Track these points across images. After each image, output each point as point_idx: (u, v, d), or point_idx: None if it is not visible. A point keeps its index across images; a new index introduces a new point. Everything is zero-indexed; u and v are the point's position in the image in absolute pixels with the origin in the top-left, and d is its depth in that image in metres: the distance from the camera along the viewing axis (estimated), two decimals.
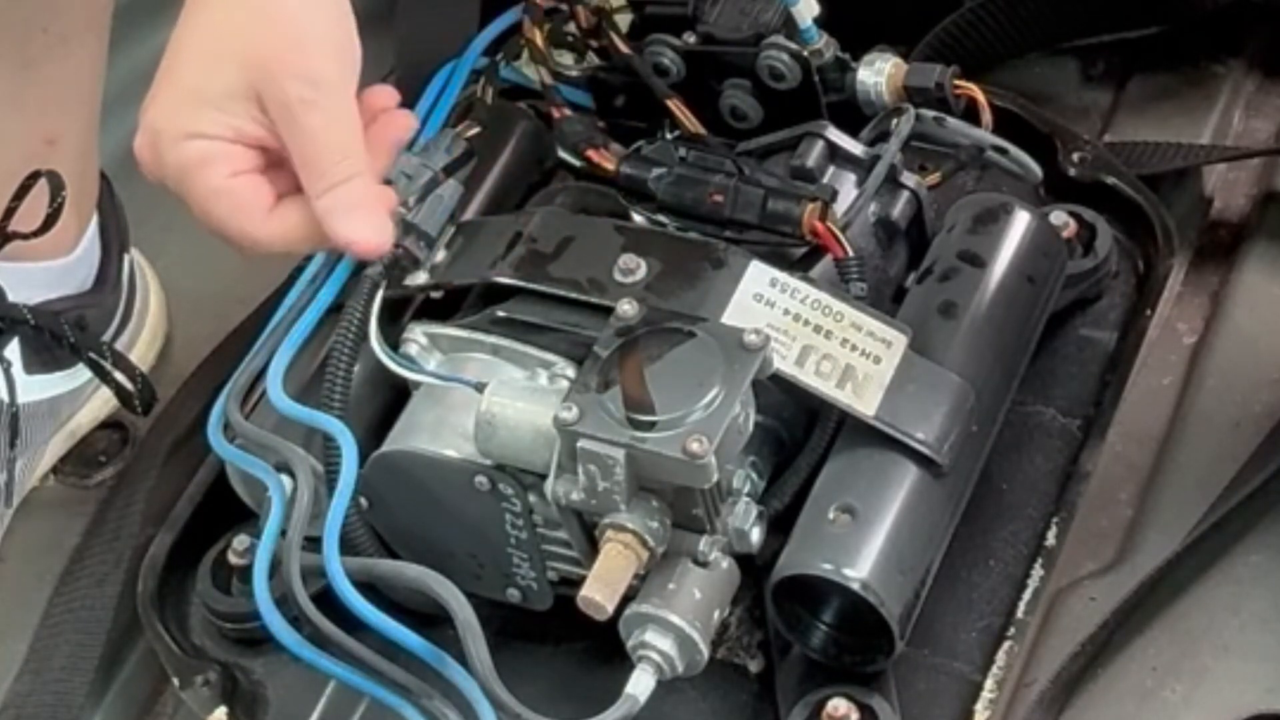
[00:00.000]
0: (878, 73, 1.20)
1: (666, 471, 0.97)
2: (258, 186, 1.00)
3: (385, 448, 1.06)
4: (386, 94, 1.06)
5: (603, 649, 1.06)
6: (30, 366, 1.20)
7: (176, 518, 1.16)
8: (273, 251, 1.02)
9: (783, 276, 1.07)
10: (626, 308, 1.02)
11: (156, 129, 0.99)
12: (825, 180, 1.14)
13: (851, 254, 1.10)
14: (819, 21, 1.19)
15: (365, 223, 1.01)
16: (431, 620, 1.03)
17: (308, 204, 1.01)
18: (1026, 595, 1.09)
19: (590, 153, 1.17)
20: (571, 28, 1.25)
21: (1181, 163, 1.25)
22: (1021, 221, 1.14)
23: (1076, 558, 1.10)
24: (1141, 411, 1.16)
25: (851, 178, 1.15)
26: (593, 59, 1.26)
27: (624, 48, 1.22)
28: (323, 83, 0.97)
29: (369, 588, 1.03)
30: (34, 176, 1.12)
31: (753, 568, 1.06)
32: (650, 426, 0.97)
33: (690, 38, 1.21)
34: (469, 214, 1.17)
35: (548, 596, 1.08)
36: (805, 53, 1.18)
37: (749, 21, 1.20)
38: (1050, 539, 1.11)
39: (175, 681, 1.11)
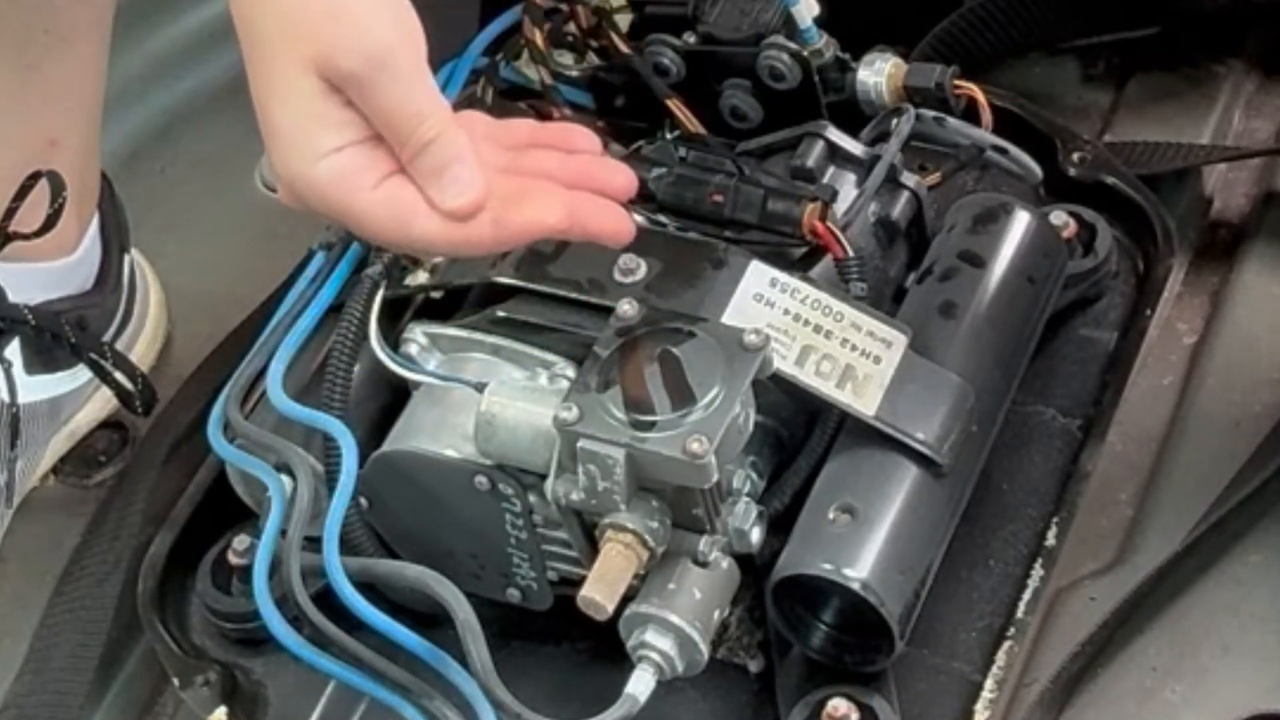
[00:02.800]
0: (878, 73, 1.20)
1: (666, 471, 0.97)
2: (405, 184, 0.95)
3: (385, 448, 1.06)
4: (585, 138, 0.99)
5: (603, 649, 1.06)
6: (31, 367, 1.20)
7: (176, 518, 1.16)
8: (455, 247, 0.96)
9: (783, 276, 1.07)
10: (626, 308, 1.02)
11: (287, 179, 0.94)
12: (825, 180, 1.14)
13: (851, 254, 1.10)
14: (819, 21, 1.19)
15: (455, 180, 0.94)
16: (431, 620, 1.03)
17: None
18: (1026, 595, 1.09)
19: None
20: (571, 28, 1.25)
21: (1181, 163, 1.25)
22: (1021, 221, 1.14)
23: (1076, 558, 1.10)
24: (1141, 411, 1.16)
25: (851, 178, 1.15)
26: (593, 59, 1.26)
27: (624, 48, 1.22)
28: (379, 53, 0.92)
29: (369, 588, 1.03)
30: (35, 177, 1.12)
31: (753, 568, 1.06)
32: (650, 426, 0.97)
33: (690, 38, 1.21)
34: None
35: (548, 596, 1.08)
36: (805, 53, 1.19)
37: (749, 21, 1.20)
38: (1050, 539, 1.11)
39: (175, 681, 1.11)
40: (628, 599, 1.00)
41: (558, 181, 0.96)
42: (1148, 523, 1.11)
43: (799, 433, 1.08)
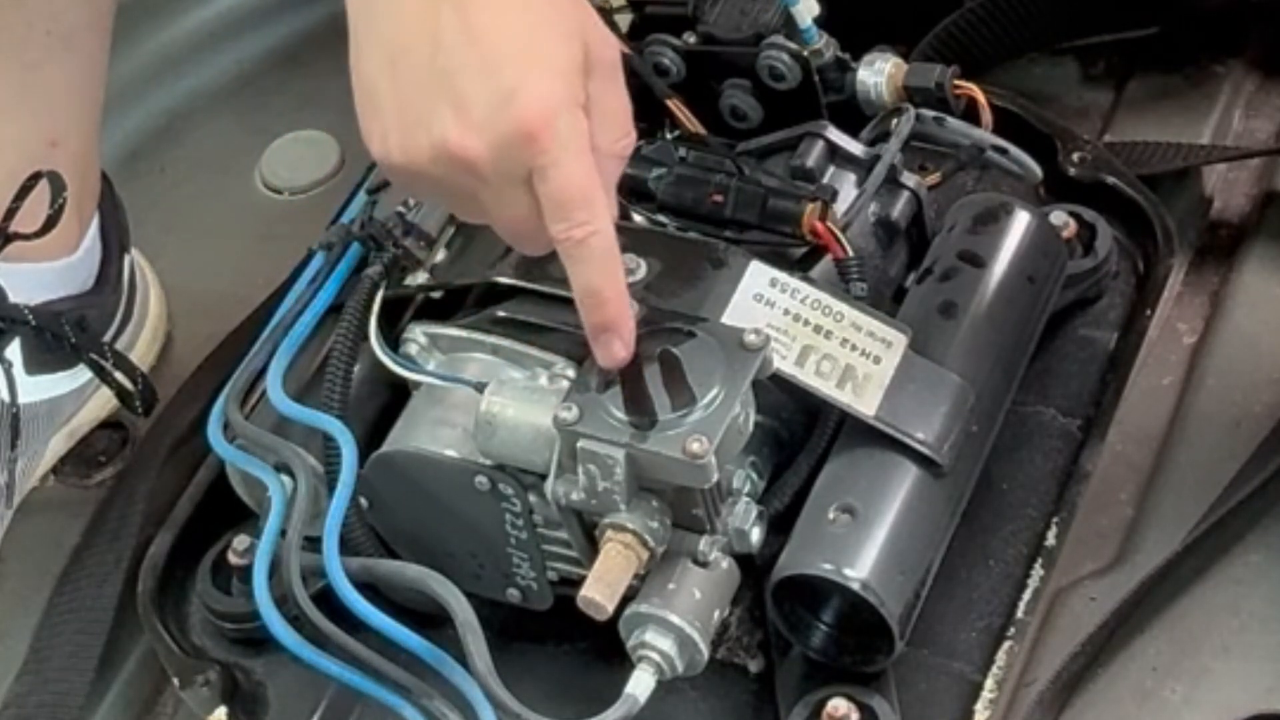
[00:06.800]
0: (878, 73, 1.20)
1: (666, 472, 0.97)
2: None
3: (385, 448, 1.06)
4: None
5: (603, 649, 1.06)
6: (31, 367, 1.20)
7: (176, 518, 1.16)
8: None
9: (783, 276, 1.07)
10: None
11: (559, 97, 0.90)
12: (825, 180, 1.14)
13: (851, 254, 1.10)
14: (819, 21, 1.19)
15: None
16: (431, 620, 1.03)
17: None
18: (1026, 595, 1.09)
19: None
20: None
21: (1181, 163, 1.25)
22: (1021, 221, 1.14)
23: (1076, 558, 1.10)
24: (1141, 411, 1.16)
25: (851, 178, 1.15)
26: None
27: (624, 48, 1.22)
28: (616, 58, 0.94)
29: (369, 588, 1.03)
30: (35, 177, 1.12)
31: (753, 568, 1.06)
32: (650, 426, 0.97)
33: (690, 38, 1.21)
34: None
35: (548, 596, 1.08)
36: (805, 53, 1.18)
37: (749, 21, 1.20)
38: (1050, 539, 1.11)
39: (175, 681, 1.11)
40: (628, 599, 1.00)
41: None
42: (1148, 523, 1.11)
43: (799, 433, 1.08)
